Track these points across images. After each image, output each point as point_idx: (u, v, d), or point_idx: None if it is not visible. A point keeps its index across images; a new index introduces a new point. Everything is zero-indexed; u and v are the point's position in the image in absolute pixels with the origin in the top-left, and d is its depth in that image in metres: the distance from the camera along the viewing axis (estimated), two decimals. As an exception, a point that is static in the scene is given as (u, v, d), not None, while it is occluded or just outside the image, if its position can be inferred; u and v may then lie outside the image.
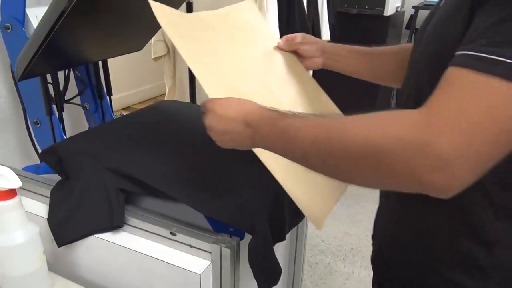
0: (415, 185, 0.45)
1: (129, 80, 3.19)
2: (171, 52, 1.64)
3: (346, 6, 2.71)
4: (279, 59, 0.91)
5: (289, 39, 0.92)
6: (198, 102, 1.52)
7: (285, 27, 1.58)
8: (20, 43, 0.96)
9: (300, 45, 0.91)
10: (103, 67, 1.15)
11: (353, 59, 0.89)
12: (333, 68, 0.90)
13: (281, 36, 0.92)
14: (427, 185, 0.44)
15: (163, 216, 0.80)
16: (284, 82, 0.88)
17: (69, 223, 0.82)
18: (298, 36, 0.92)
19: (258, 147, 0.61)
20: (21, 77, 0.86)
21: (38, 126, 1.06)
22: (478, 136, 0.42)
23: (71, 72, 1.10)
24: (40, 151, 1.06)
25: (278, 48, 0.92)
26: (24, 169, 1.06)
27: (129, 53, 1.17)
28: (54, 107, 1.03)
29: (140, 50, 1.19)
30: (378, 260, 0.71)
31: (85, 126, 1.24)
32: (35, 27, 0.90)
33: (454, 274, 0.58)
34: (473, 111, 0.42)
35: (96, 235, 0.81)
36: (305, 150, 0.52)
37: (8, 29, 0.97)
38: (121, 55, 1.15)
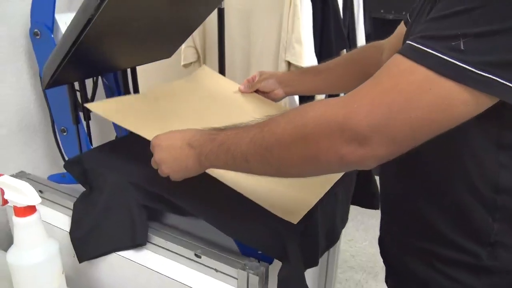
0: (338, 160, 0.49)
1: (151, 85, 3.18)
2: (201, 59, 1.60)
3: (382, 11, 2.62)
4: (238, 103, 0.98)
5: (250, 80, 1.03)
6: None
7: (319, 35, 1.52)
8: (48, 49, 0.94)
9: (259, 83, 1.00)
10: (131, 74, 1.12)
11: (308, 81, 0.98)
12: (294, 93, 1.05)
13: (315, 47, 0.95)
14: (347, 158, 0.48)
15: (188, 235, 0.76)
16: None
17: (91, 238, 0.79)
18: (256, 75, 1.03)
19: (206, 167, 0.64)
20: (47, 86, 0.84)
21: (64, 134, 1.04)
22: (395, 117, 0.46)
23: (99, 79, 1.07)
24: (67, 159, 1.04)
25: (241, 92, 1.02)
26: (50, 177, 1.04)
27: (158, 60, 1.14)
28: (82, 115, 1.00)
29: (169, 57, 1.16)
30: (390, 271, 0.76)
31: (114, 135, 1.22)
32: (64, 33, 0.87)
33: (459, 274, 0.61)
34: (395, 94, 0.46)
35: (118, 253, 0.77)
36: (244, 152, 0.56)
37: (37, 35, 0.95)
38: (150, 62, 1.12)
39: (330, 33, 1.52)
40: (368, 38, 2.03)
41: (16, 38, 1.02)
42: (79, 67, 0.87)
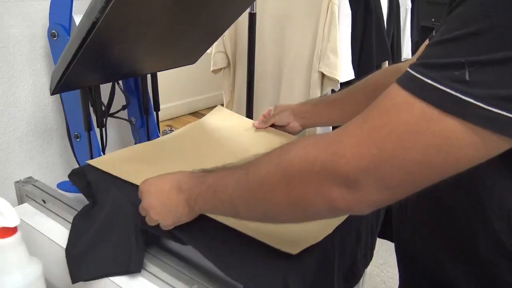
0: (327, 205, 0.44)
1: (178, 90, 3.18)
2: (231, 65, 1.53)
3: (433, 20, 2.45)
4: (250, 142, 0.93)
5: (265, 115, 0.98)
6: (255, 119, 1.40)
7: (360, 45, 1.40)
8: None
9: (273, 117, 0.95)
10: (152, 81, 1.06)
11: (323, 111, 0.91)
12: (311, 125, 0.96)
13: (354, 58, 0.85)
14: (336, 204, 0.43)
15: (186, 265, 0.68)
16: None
17: (85, 259, 0.73)
18: (271, 110, 0.98)
19: (197, 212, 0.60)
20: (54, 91, 0.79)
21: (78, 140, 0.99)
22: (387, 160, 0.40)
23: (116, 85, 1.02)
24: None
25: (256, 128, 0.97)
26: (59, 185, 1.01)
27: (181, 66, 1.07)
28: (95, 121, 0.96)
29: (193, 63, 1.09)
30: None
31: (132, 142, 1.17)
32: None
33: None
34: (386, 133, 0.40)
35: (111, 278, 0.70)
36: (230, 196, 0.52)
37: (55, 36, 0.91)
38: (171, 68, 1.06)
39: (372, 44, 1.40)
40: (416, 47, 1.89)
41: (35, 39, 0.99)
42: (89, 72, 0.81)
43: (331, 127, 1.48)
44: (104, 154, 0.99)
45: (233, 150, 0.90)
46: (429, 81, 0.38)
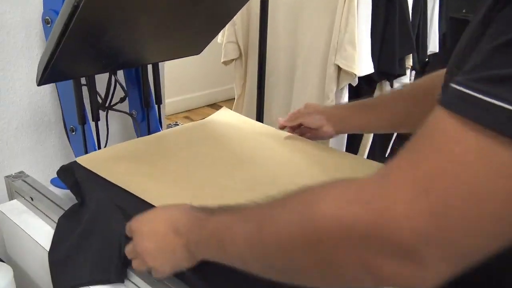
0: (376, 280, 0.33)
1: (197, 81, 3.12)
2: (243, 56, 1.45)
3: (464, 11, 2.30)
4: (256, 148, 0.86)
5: (295, 113, 0.90)
6: (266, 115, 1.32)
7: (381, 37, 1.30)
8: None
9: (303, 116, 0.87)
10: (153, 72, 1.00)
11: (363, 117, 0.82)
12: (345, 131, 0.88)
13: (374, 51, 0.77)
14: (390, 279, 0.32)
15: (170, 278, 0.62)
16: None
17: (67, 265, 0.68)
18: (301, 108, 0.90)
19: (199, 258, 0.51)
20: (40, 81, 0.74)
21: (73, 133, 0.94)
22: (456, 220, 0.29)
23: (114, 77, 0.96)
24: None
25: (281, 126, 0.90)
26: (52, 180, 0.96)
27: (184, 57, 1.01)
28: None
29: (198, 54, 1.02)
30: None
31: (134, 136, 1.11)
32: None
33: None
34: (449, 181, 0.29)
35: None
36: (241, 253, 0.44)
37: (48, 23, 0.85)
38: (174, 59, 0.99)
39: (394, 35, 1.30)
40: (444, 40, 1.76)
41: (30, 26, 0.93)
42: (78, 61, 0.75)
43: (345, 136, 1.40)
44: (100, 148, 0.94)
45: (233, 154, 0.83)
46: (495, 102, 0.28)
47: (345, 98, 1.31)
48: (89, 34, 0.68)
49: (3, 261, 1.00)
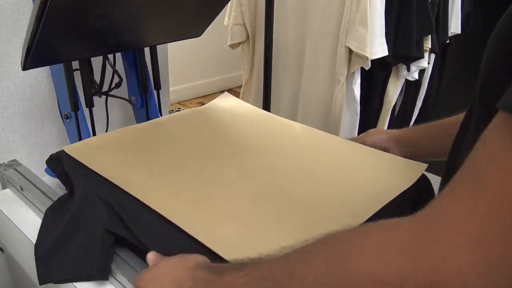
0: None
1: (204, 69, 3.06)
2: (251, 39, 1.39)
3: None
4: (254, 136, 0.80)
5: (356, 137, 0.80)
6: (273, 101, 1.26)
7: (397, 16, 1.21)
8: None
9: (366, 138, 0.77)
10: (151, 56, 0.95)
11: (433, 141, 0.71)
12: (416, 156, 0.72)
13: (389, 32, 0.68)
14: None
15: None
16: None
17: (52, 259, 0.64)
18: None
19: None
20: (24, 66, 0.70)
21: (68, 120, 0.90)
22: None
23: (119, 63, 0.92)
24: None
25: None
26: (47, 169, 0.93)
27: (185, 39, 0.95)
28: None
29: (199, 36, 0.97)
30: None
31: (134, 123, 1.07)
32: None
33: None
34: None
35: (76, 284, 0.61)
36: None
37: (39, 4, 0.81)
38: (171, 42, 0.94)
39: (411, 15, 1.21)
40: (467, 21, 1.65)
41: (23, 7, 0.89)
42: (64, 43, 0.71)
43: (357, 122, 1.31)
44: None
45: (230, 142, 0.78)
46: None
47: (357, 82, 1.24)
48: (70, 13, 0.63)
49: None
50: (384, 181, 0.66)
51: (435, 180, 0.70)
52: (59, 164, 0.73)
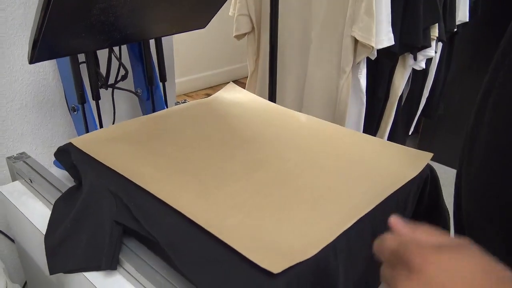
0: None
1: (210, 60, 3.05)
2: (256, 30, 1.38)
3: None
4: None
5: None
6: (279, 92, 1.26)
7: (404, 5, 1.20)
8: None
9: None
10: (156, 48, 0.95)
11: None
12: None
13: (396, 22, 0.66)
14: None
15: (164, 266, 0.59)
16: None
17: (62, 249, 0.66)
18: None
19: None
20: (32, 59, 0.70)
21: (75, 113, 0.91)
22: None
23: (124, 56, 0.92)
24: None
25: None
26: (55, 161, 0.94)
27: (188, 31, 0.95)
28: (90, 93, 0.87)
29: (204, 27, 0.97)
30: None
31: (140, 115, 1.08)
32: None
33: None
34: None
35: (86, 274, 0.62)
36: None
37: None
38: (176, 33, 0.94)
39: (418, 3, 1.20)
40: (475, 8, 1.63)
41: (29, 1, 0.90)
42: (69, 37, 0.71)
43: (363, 113, 1.29)
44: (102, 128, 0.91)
45: (236, 134, 0.78)
46: None
47: (362, 72, 1.23)
48: (75, 7, 0.63)
49: (9, 238, 1.00)
50: (391, 170, 0.66)
51: (443, 170, 0.70)
52: (67, 156, 0.74)
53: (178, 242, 0.53)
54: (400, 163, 0.68)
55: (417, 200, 0.67)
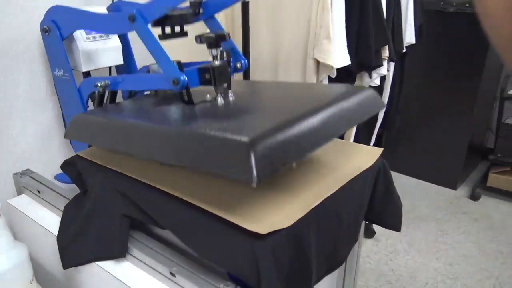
0: None
1: None
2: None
3: (442, 3, 2.38)
4: None
5: None
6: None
7: (357, 29, 1.38)
8: (56, 46, 0.93)
9: None
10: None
11: None
12: None
13: (351, 44, 0.75)
14: None
15: (168, 248, 0.70)
16: None
17: (74, 246, 0.76)
18: None
19: None
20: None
21: (73, 132, 1.02)
22: None
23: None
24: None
25: None
26: (56, 176, 1.04)
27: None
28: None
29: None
30: None
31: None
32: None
33: None
34: None
35: (98, 263, 0.73)
36: None
37: (46, 31, 0.94)
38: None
39: (369, 28, 1.38)
40: (420, 31, 1.85)
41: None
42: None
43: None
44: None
45: None
46: None
47: (326, 89, 1.39)
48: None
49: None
50: (350, 162, 0.81)
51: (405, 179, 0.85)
52: (73, 167, 0.84)
53: (186, 229, 0.64)
54: (357, 157, 0.82)
55: (372, 186, 0.81)
